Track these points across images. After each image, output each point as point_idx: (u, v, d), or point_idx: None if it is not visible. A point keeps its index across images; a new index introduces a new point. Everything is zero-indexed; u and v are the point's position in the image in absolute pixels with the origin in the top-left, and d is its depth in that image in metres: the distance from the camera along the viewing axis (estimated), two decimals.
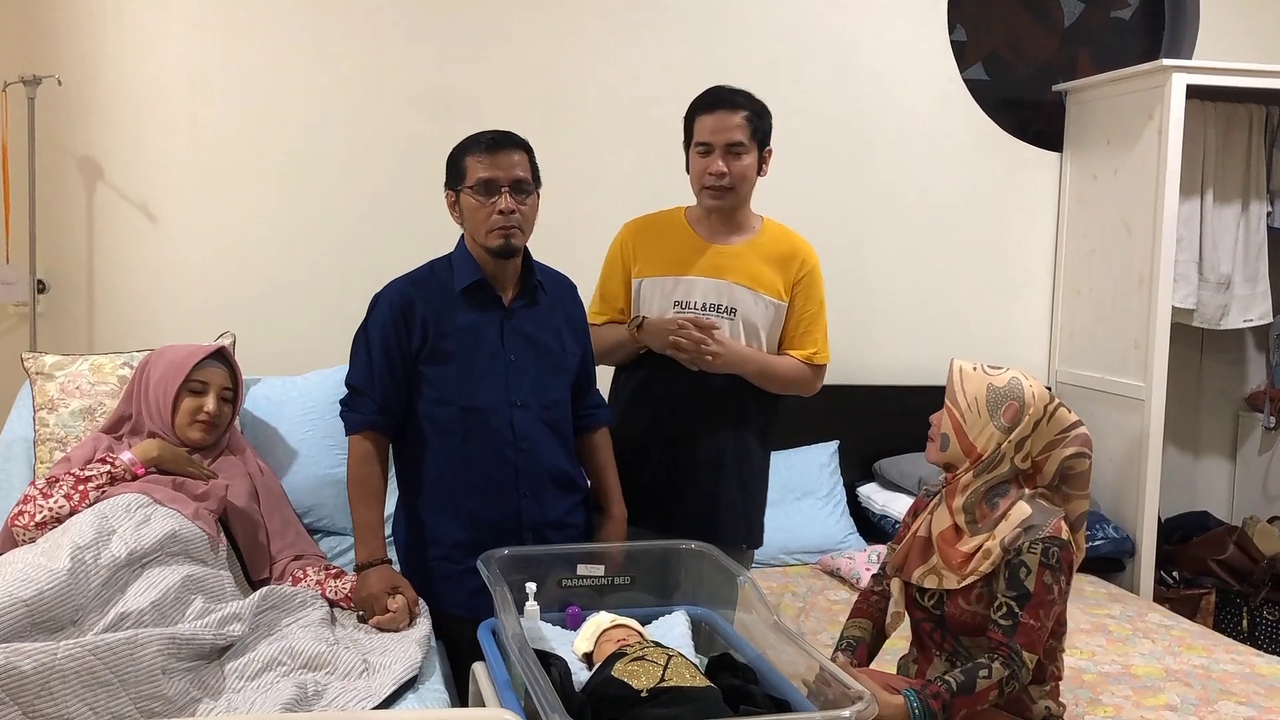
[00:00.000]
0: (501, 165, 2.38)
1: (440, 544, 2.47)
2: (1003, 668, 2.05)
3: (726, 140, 2.59)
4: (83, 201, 3.48)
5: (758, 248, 2.69)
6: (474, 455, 2.44)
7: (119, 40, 3.44)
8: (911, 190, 4.09)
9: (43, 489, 2.33)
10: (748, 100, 2.64)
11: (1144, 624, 3.20)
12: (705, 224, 2.71)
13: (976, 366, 2.21)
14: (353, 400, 2.49)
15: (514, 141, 2.43)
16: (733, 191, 2.62)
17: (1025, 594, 2.07)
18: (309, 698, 1.94)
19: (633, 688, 1.80)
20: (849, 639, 2.31)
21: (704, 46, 3.84)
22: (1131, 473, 3.80)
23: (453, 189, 2.46)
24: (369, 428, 2.46)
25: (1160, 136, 3.67)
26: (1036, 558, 2.08)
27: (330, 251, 3.61)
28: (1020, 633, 2.06)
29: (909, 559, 2.26)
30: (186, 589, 2.13)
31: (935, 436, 2.22)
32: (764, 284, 2.66)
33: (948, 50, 4.08)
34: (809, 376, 2.75)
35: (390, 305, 2.46)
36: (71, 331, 3.49)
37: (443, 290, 2.47)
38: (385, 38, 3.62)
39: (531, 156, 2.45)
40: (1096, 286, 4.01)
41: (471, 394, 2.44)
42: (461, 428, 2.44)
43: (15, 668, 1.67)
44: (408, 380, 2.46)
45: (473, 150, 2.40)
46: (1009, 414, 2.16)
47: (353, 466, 2.47)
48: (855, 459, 3.97)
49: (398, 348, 2.44)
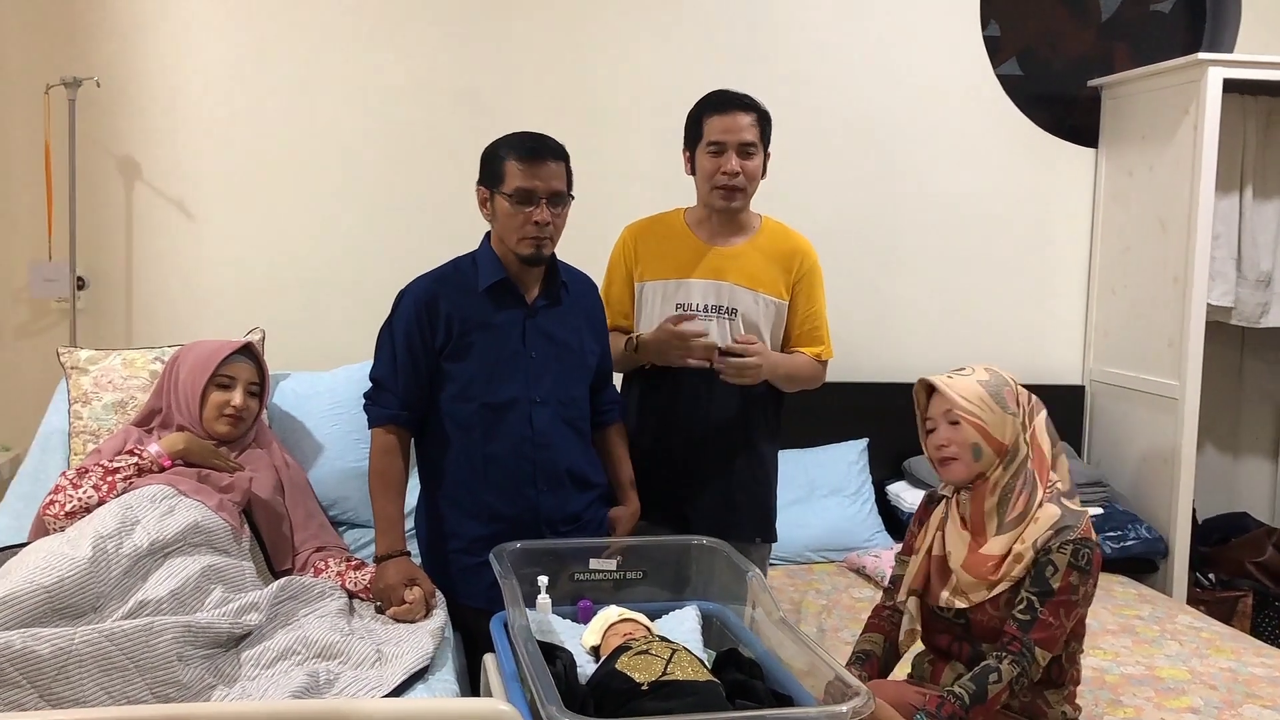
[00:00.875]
0: (541, 176, 2.39)
1: (459, 537, 2.51)
2: (1012, 666, 2.04)
3: (739, 140, 2.61)
4: (122, 200, 3.56)
5: (757, 247, 2.71)
6: (493, 451, 2.48)
7: (156, 42, 3.52)
8: (943, 187, 4.07)
9: (73, 479, 2.40)
10: (755, 103, 2.68)
11: (1173, 625, 3.16)
12: (705, 226, 2.73)
13: (950, 375, 2.21)
14: (376, 394, 2.54)
15: (555, 152, 2.43)
16: (743, 192, 2.64)
17: (1049, 591, 2.07)
18: (320, 686, 1.97)
19: (634, 680, 1.82)
20: (861, 653, 2.30)
21: (734, 45, 3.85)
22: (1165, 472, 3.75)
23: (487, 187, 2.47)
24: (391, 422, 2.51)
25: (1196, 131, 3.61)
26: (1066, 557, 2.08)
27: (360, 248, 3.67)
28: (1037, 628, 2.05)
29: (931, 583, 2.24)
30: (206, 578, 2.18)
31: (959, 454, 2.17)
32: (764, 283, 2.68)
33: (980, 46, 4.04)
34: (820, 373, 2.80)
35: (414, 301, 2.50)
36: (110, 327, 3.58)
37: (466, 288, 2.51)
38: (418, 37, 3.66)
39: (568, 165, 2.47)
40: (1131, 285, 3.96)
41: (492, 390, 2.47)
42: (481, 423, 2.48)
43: (32, 652, 1.72)
44: (430, 376, 2.50)
45: (513, 155, 2.40)
46: (1012, 399, 2.18)
47: (374, 459, 2.51)
48: (885, 457, 3.95)
49: (421, 344, 2.48)
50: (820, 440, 3.92)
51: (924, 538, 2.29)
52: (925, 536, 2.29)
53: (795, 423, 3.86)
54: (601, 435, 2.69)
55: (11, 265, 3.52)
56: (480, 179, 2.49)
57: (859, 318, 4.04)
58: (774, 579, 3.48)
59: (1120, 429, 4.02)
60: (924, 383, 2.23)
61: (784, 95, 3.89)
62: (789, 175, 3.90)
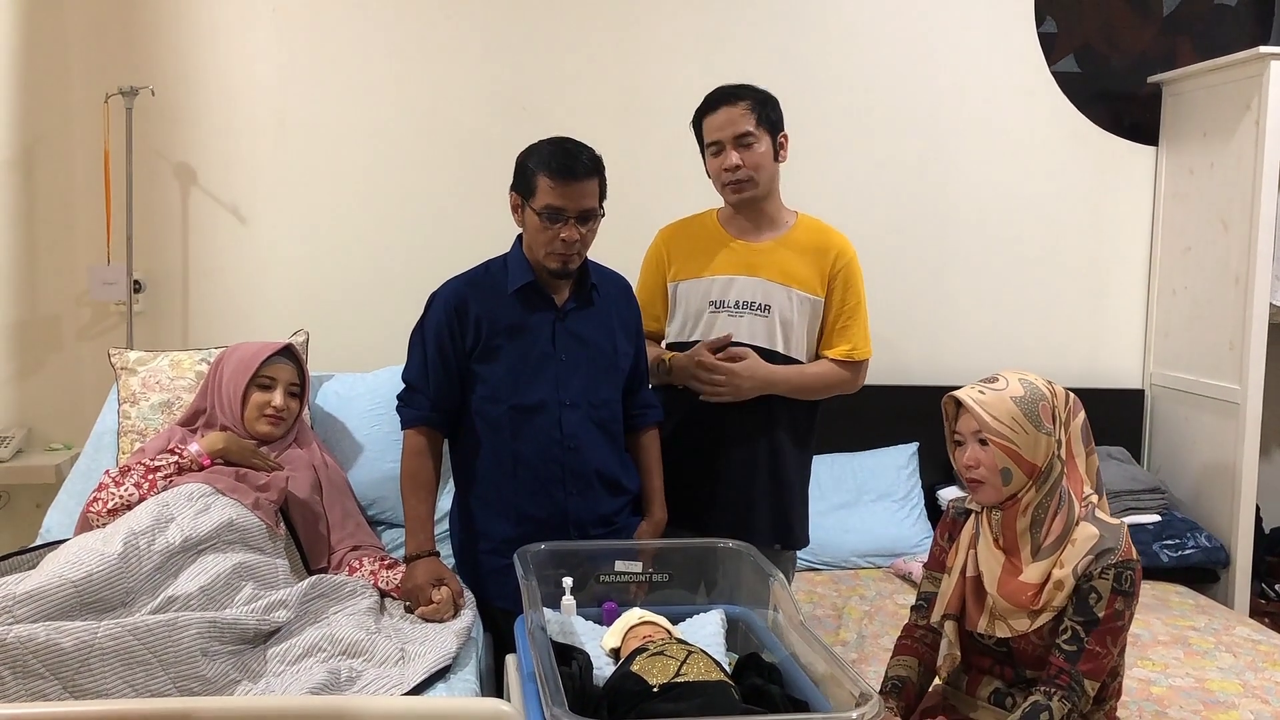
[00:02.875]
0: (572, 195, 2.37)
1: (489, 538, 2.52)
2: (1063, 703, 1.95)
3: (734, 133, 2.57)
4: (178, 205, 3.65)
5: (790, 243, 2.66)
6: (522, 452, 2.48)
7: (209, 52, 3.60)
8: (997, 187, 4.00)
9: (115, 477, 2.46)
10: (749, 90, 2.61)
11: (1229, 637, 3.06)
12: (735, 222, 2.70)
13: (982, 390, 2.08)
14: (408, 396, 2.56)
15: (587, 169, 2.38)
16: (751, 182, 2.59)
17: (1094, 620, 1.98)
18: (340, 683, 2.00)
19: (647, 682, 1.81)
20: (895, 679, 2.19)
21: (781, 47, 3.82)
22: (1226, 479, 3.65)
23: (519, 195, 2.46)
24: (422, 423, 2.53)
25: (1258, 128, 3.51)
26: (1109, 583, 1.99)
27: (404, 250, 3.72)
28: (1084, 659, 1.97)
29: (967, 606, 2.14)
30: (238, 575, 2.22)
31: (987, 478, 2.06)
32: (797, 279, 2.63)
33: (1035, 43, 3.97)
34: (846, 377, 2.70)
35: (445, 304, 2.51)
36: (166, 329, 3.67)
37: (496, 290, 2.51)
38: (466, 42, 3.70)
39: (602, 179, 2.43)
40: (1192, 286, 3.85)
41: (521, 393, 2.48)
42: (511, 425, 2.48)
43: (56, 644, 1.77)
44: (461, 378, 2.52)
45: (545, 170, 2.37)
46: (1046, 415, 2.06)
47: (406, 460, 2.54)
48: (936, 461, 3.88)
49: (451, 346, 2.50)
50: (870, 444, 3.88)
51: (955, 556, 2.20)
52: (957, 555, 2.19)
53: (844, 427, 3.84)
54: (634, 439, 2.66)
55: (73, 269, 3.63)
56: (513, 184, 2.48)
57: (911, 320, 3.99)
58: (819, 584, 3.45)
59: (1181, 434, 3.91)
60: (952, 397, 2.12)
61: (833, 97, 3.87)
62: (840, 176, 3.89)
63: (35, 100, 3.54)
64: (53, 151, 3.58)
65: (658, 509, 2.61)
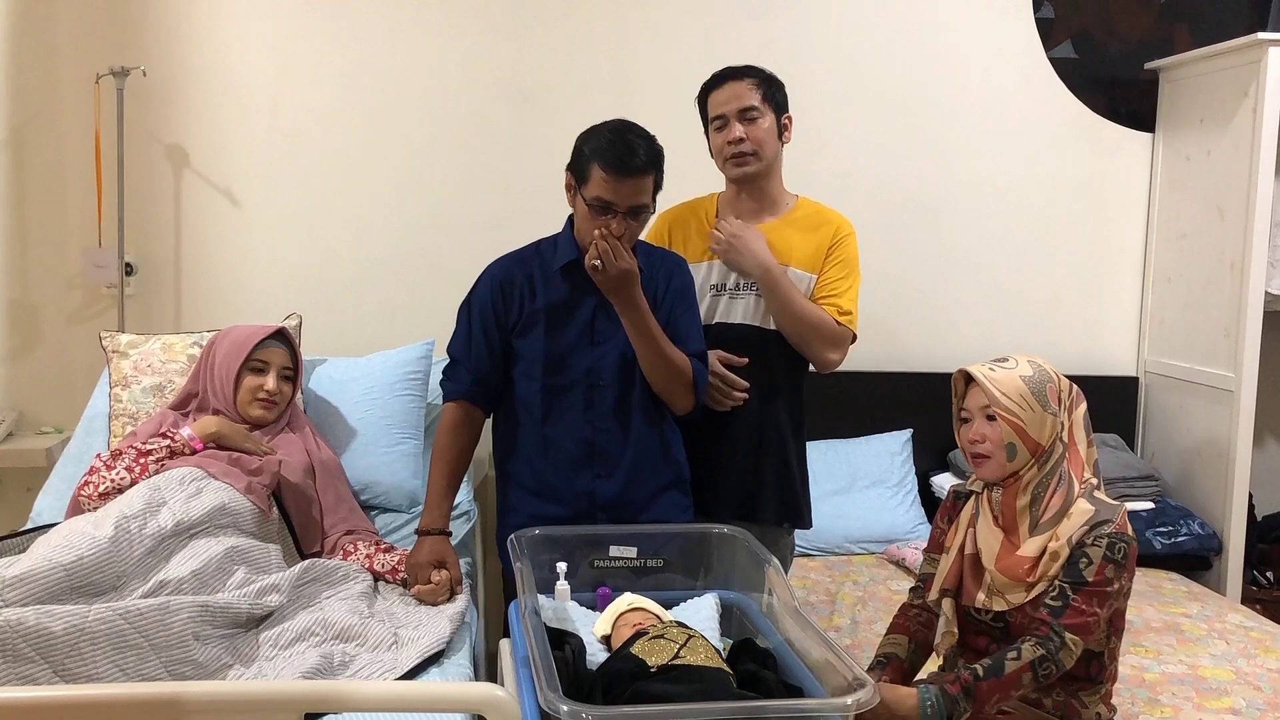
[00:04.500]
0: (623, 191, 2.30)
1: (518, 513, 2.51)
2: (1035, 648, 1.98)
3: (739, 107, 2.58)
4: (170, 187, 3.62)
5: (790, 223, 2.68)
6: (553, 432, 2.48)
7: (202, 32, 3.56)
8: (993, 173, 3.98)
9: (107, 461, 2.45)
10: (756, 69, 2.63)
11: (1222, 625, 3.06)
12: (736, 204, 2.70)
13: (992, 367, 2.13)
14: (451, 370, 2.56)
15: (644, 164, 2.31)
16: (754, 156, 2.59)
17: (1081, 580, 2.01)
18: (334, 667, 1.99)
19: (645, 663, 1.81)
20: (882, 656, 2.23)
21: (775, 28, 3.80)
22: (1220, 466, 3.65)
23: (573, 177, 2.40)
24: (461, 396, 2.53)
25: (1255, 115, 3.50)
26: (1101, 550, 2.02)
27: (399, 235, 3.68)
28: (1068, 614, 2.00)
29: (964, 582, 2.17)
30: (230, 559, 2.21)
31: (992, 452, 2.10)
32: (795, 259, 2.64)
33: (1033, 28, 3.95)
34: (835, 331, 2.62)
35: (490, 279, 2.52)
36: (158, 312, 3.64)
37: (544, 267, 2.50)
38: (463, 25, 3.66)
39: (659, 172, 2.37)
40: (1187, 273, 3.85)
41: (555, 370, 2.47)
42: (544, 404, 2.48)
43: (45, 628, 1.76)
44: (504, 353, 2.51)
45: (601, 161, 2.31)
46: (1054, 396, 2.11)
47: (439, 434, 2.54)
48: (929, 448, 3.89)
49: (495, 322, 2.49)
50: (863, 431, 3.87)
51: (955, 535, 2.23)
52: (956, 534, 2.23)
53: (838, 413, 3.85)
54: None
55: (65, 252, 3.60)
56: (569, 164, 2.41)
57: (905, 306, 3.98)
58: (812, 570, 3.45)
59: (1175, 421, 3.91)
60: (963, 372, 2.17)
61: (829, 82, 3.85)
62: (834, 161, 3.86)
63: (25, 80, 3.51)
64: (43, 133, 3.54)
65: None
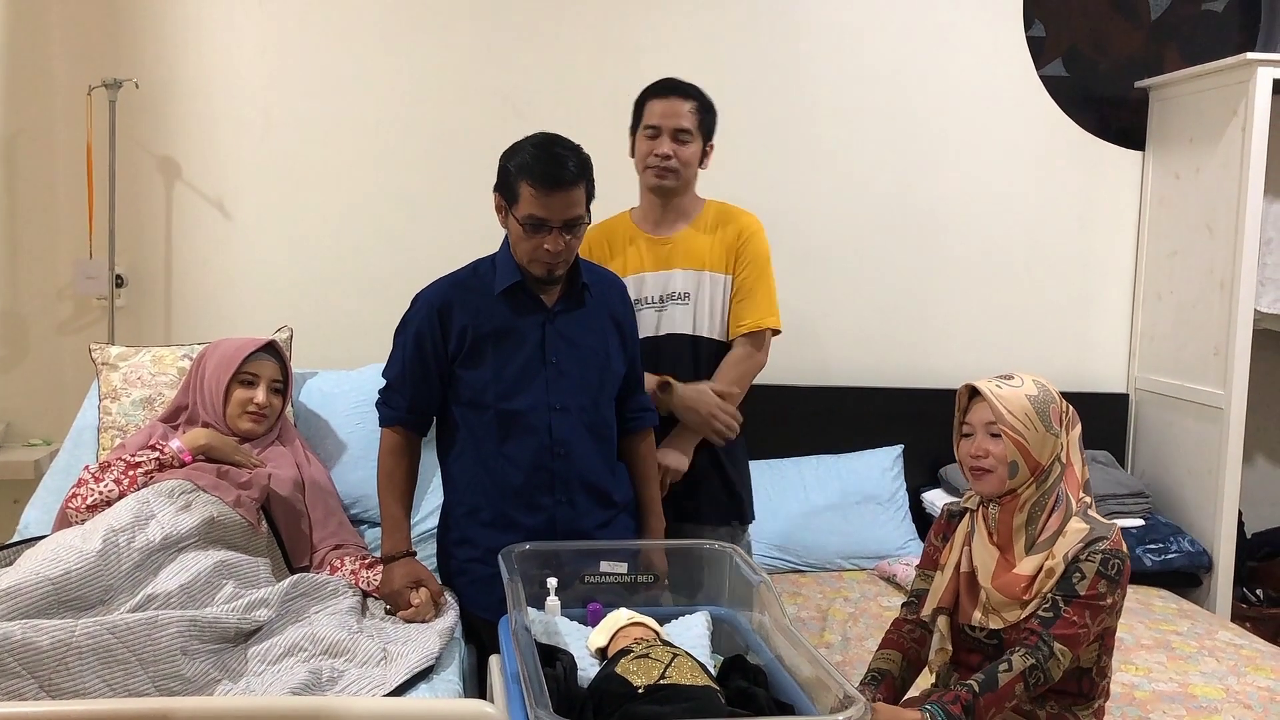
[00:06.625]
0: (555, 206, 2.28)
1: (474, 545, 2.47)
2: (1025, 657, 1.98)
3: (675, 126, 2.69)
4: (161, 199, 3.61)
5: (699, 228, 2.79)
6: (510, 458, 2.42)
7: (194, 45, 3.56)
8: (983, 190, 3.99)
9: (95, 474, 2.43)
10: (698, 92, 2.75)
11: (1212, 642, 3.06)
12: (649, 219, 2.82)
13: (999, 384, 2.12)
14: (387, 395, 2.53)
15: (573, 175, 2.29)
16: (676, 174, 2.71)
17: (1074, 593, 2.02)
18: (322, 683, 1.98)
19: (631, 684, 1.80)
20: (875, 671, 2.22)
21: (770, 47, 3.81)
22: (1210, 484, 3.65)
23: (502, 198, 2.38)
24: (398, 423, 2.50)
25: (1244, 133, 3.51)
26: (1094, 565, 2.02)
27: (390, 248, 3.68)
28: (1058, 625, 2.00)
29: (961, 601, 2.17)
30: (218, 574, 2.20)
31: (994, 467, 2.10)
32: (708, 262, 2.75)
33: (1024, 46, 3.97)
34: (756, 357, 2.81)
35: (428, 305, 2.46)
36: (149, 324, 3.63)
37: (484, 291, 2.45)
38: (453, 38, 3.67)
39: (589, 182, 2.35)
40: (1177, 290, 3.86)
41: (509, 398, 2.41)
42: (498, 431, 2.42)
43: (32, 643, 1.75)
44: (441, 382, 2.47)
45: (528, 178, 2.28)
46: (1056, 418, 2.11)
47: (382, 459, 2.51)
48: (920, 464, 3.88)
49: (432, 350, 2.44)
50: (855, 446, 3.87)
51: (950, 553, 2.23)
52: (951, 552, 2.22)
53: (829, 428, 3.85)
54: (629, 445, 2.60)
55: (55, 263, 3.59)
56: (496, 184, 2.39)
57: (896, 323, 3.99)
58: (803, 586, 3.44)
59: (1165, 439, 3.92)
60: (969, 386, 2.16)
61: (820, 98, 3.86)
62: (825, 177, 3.87)
63: (17, 92, 3.50)
64: (35, 144, 3.54)
65: (654, 519, 2.59)
